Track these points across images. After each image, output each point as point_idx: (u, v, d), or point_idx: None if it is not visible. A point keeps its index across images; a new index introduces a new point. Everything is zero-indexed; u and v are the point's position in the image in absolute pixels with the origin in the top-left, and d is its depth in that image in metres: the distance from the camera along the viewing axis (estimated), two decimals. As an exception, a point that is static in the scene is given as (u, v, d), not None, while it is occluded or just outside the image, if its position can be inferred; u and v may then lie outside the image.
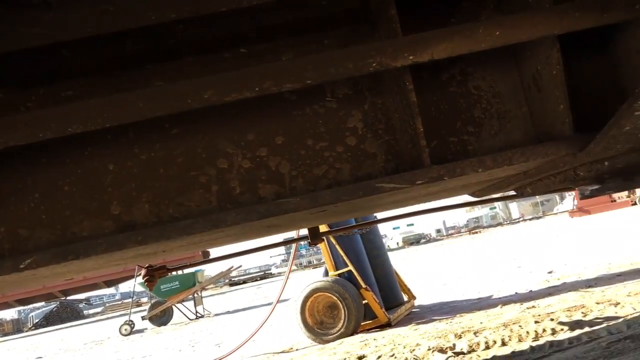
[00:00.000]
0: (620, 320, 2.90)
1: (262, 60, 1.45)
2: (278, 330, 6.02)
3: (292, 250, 5.06)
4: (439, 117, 1.50)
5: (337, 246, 4.82)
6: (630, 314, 2.98)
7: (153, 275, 3.16)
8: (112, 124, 1.18)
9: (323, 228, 4.28)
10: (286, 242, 3.36)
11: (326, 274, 4.98)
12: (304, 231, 3.28)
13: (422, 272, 10.42)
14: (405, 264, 14.69)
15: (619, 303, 3.32)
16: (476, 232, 37.02)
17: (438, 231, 62.58)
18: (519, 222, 43.26)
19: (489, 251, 12.48)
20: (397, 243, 49.47)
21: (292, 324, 5.35)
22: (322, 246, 4.90)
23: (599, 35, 1.43)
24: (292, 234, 4.09)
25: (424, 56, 1.20)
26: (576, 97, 1.43)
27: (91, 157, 1.41)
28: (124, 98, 1.16)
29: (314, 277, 5.13)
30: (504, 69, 1.51)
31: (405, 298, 5.44)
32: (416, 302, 5.66)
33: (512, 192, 2.16)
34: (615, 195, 22.30)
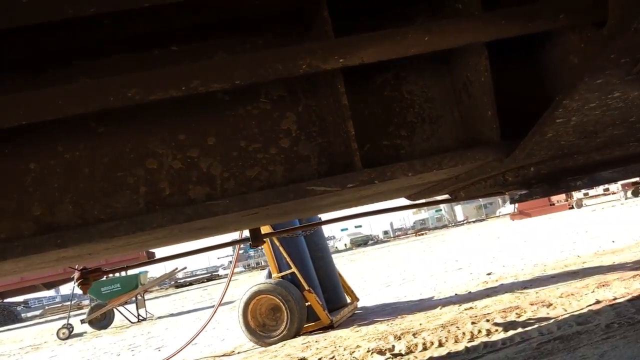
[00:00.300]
0: (552, 321, 2.99)
1: (195, 59, 1.42)
2: (221, 333, 5.95)
3: (235, 253, 5.01)
4: (372, 120, 1.51)
5: (281, 248, 4.80)
6: (561, 315, 3.08)
7: (87, 278, 3.05)
8: (30, 120, 1.13)
9: (266, 229, 4.25)
10: (226, 244, 3.31)
11: (269, 276, 4.95)
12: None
13: (367, 274, 10.51)
14: (351, 266, 14.79)
15: (551, 304, 3.43)
16: (422, 234, 37.66)
17: (385, 233, 63.38)
18: (463, 224, 44.28)
19: (432, 253, 12.71)
20: (345, 244, 49.79)
21: (235, 326, 5.30)
22: (266, 248, 4.86)
23: (530, 43, 1.47)
24: (237, 234, 4.05)
25: (355, 59, 1.20)
26: (506, 103, 1.46)
27: (11, 156, 1.34)
28: (43, 94, 1.11)
29: (260, 279, 5.09)
30: (437, 75, 1.53)
31: (349, 300, 5.47)
32: (359, 304, 5.70)
33: (447, 196, 2.20)
34: (554, 199, 23.13)
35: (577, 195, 21.61)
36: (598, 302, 3.18)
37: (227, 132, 1.45)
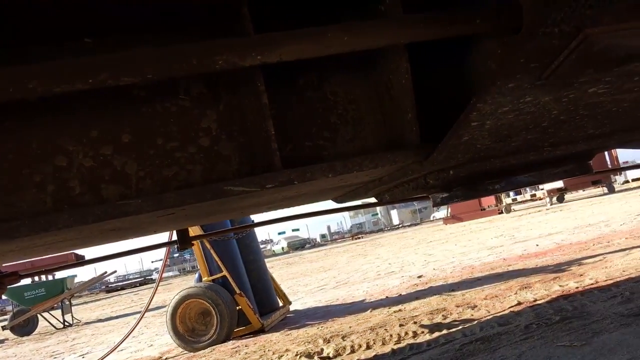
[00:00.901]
0: (475, 322, 3.06)
1: (113, 50, 1.35)
2: (149, 338, 5.78)
3: (164, 255, 4.88)
4: (295, 121, 1.48)
5: (212, 250, 4.71)
6: (484, 317, 3.16)
7: (2, 282, 2.89)
8: None
9: (195, 231, 4.16)
10: (152, 247, 3.21)
11: (200, 279, 4.85)
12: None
13: (302, 277, 10.51)
14: (287, 269, 14.76)
15: (476, 306, 3.52)
16: (359, 238, 38.07)
17: (323, 236, 63.80)
18: (399, 227, 45.08)
19: (367, 256, 12.85)
20: (282, 248, 49.80)
21: (165, 332, 5.16)
22: (196, 250, 4.76)
23: (453, 46, 1.49)
24: (167, 236, 3.95)
25: (273, 57, 1.17)
26: (429, 106, 1.48)
27: None
28: None
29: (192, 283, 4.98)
30: (361, 76, 1.53)
31: (281, 303, 5.43)
32: (292, 307, 5.67)
33: (373, 199, 2.21)
34: (485, 204, 23.89)
35: (506, 200, 22.40)
36: (519, 303, 3.28)
37: (143, 130, 1.39)
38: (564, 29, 0.90)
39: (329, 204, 2.58)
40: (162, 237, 4.04)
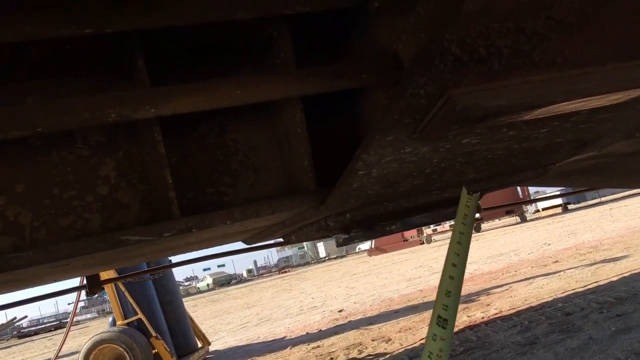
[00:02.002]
0: (388, 356, 3.14)
1: (4, 102, 1.34)
2: (60, 387, 5.49)
3: (75, 300, 4.69)
4: (196, 167, 1.51)
5: (126, 293, 4.57)
6: (397, 350, 3.25)
7: None
8: None
9: (108, 274, 4.04)
10: (60, 293, 3.09)
11: (114, 323, 4.69)
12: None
13: (225, 315, 10.33)
14: (211, 307, 14.45)
15: (390, 339, 3.61)
16: (285, 272, 37.88)
17: (249, 271, 62.88)
18: (325, 260, 45.23)
19: (292, 291, 12.81)
20: (208, 285, 48.66)
21: (76, 379, 4.91)
22: (110, 293, 4.61)
23: (349, 96, 1.57)
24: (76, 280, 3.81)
25: (167, 110, 1.20)
26: (327, 151, 1.55)
27: None
28: None
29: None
30: (261, 124, 1.58)
31: (200, 344, 5.32)
32: (212, 348, 5.56)
33: (280, 239, 2.25)
34: (407, 235, 24.48)
35: (426, 231, 23.07)
36: (430, 335, 3.40)
37: (38, 179, 1.37)
38: (429, 90, 0.99)
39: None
40: (74, 280, 3.90)
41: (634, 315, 2.78)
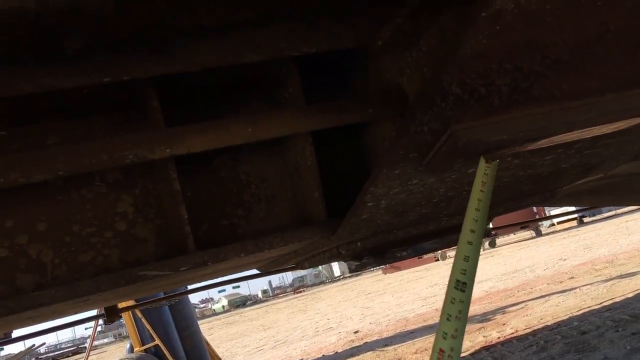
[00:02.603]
0: (404, 378, 3.14)
1: (25, 143, 1.39)
2: (79, 415, 5.51)
3: (93, 328, 4.74)
4: (210, 201, 1.55)
5: (143, 319, 4.61)
6: (413, 372, 3.24)
7: None
8: None
9: (125, 302, 4.08)
10: (79, 322, 3.14)
11: (131, 349, 4.72)
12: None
13: (241, 338, 10.31)
14: (227, 329, 14.43)
15: (407, 361, 3.60)
16: (300, 292, 37.75)
17: (264, 292, 62.66)
18: (339, 279, 45.04)
19: (307, 312, 12.78)
20: (223, 306, 48.60)
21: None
22: (127, 319, 4.65)
23: (357, 129, 1.61)
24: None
25: (181, 149, 1.25)
26: (337, 182, 1.58)
27: None
28: None
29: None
30: (272, 157, 1.62)
31: (217, 369, 5.33)
32: (228, 372, 5.57)
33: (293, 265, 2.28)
34: (422, 253, 24.30)
35: (441, 248, 22.92)
36: (446, 356, 3.39)
37: (59, 217, 1.42)
38: (432, 127, 1.03)
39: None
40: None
41: (649, 333, 2.77)
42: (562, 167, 1.51)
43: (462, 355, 3.28)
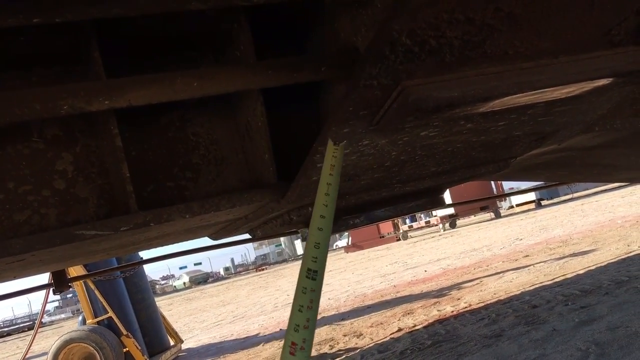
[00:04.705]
0: (358, 350, 3.16)
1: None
2: (29, 388, 5.41)
3: (44, 298, 4.60)
4: (156, 161, 1.49)
5: (96, 291, 4.52)
6: (367, 345, 3.26)
7: None
8: None
9: (77, 271, 3.99)
10: (24, 292, 3.03)
11: (84, 322, 4.63)
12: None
13: (200, 313, 10.27)
14: (186, 305, 14.36)
15: (362, 334, 3.62)
16: (263, 269, 37.77)
17: (227, 269, 62.60)
18: (301, 258, 45.27)
19: (268, 288, 12.80)
20: (184, 283, 48.37)
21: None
22: (79, 291, 4.55)
23: (313, 89, 1.57)
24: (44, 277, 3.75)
25: (122, 102, 1.18)
26: (289, 145, 1.54)
27: None
28: None
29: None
30: (222, 117, 1.56)
31: (172, 342, 5.28)
32: (185, 346, 5.53)
33: (247, 235, 2.24)
34: (384, 231, 24.63)
35: (403, 227, 23.22)
36: (400, 330, 3.42)
37: (-8, 173, 1.34)
38: (382, 81, 0.99)
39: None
40: (43, 278, 3.84)
41: (597, 307, 2.83)
42: (515, 134, 1.50)
43: (416, 328, 3.32)
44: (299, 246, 58.49)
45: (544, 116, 1.37)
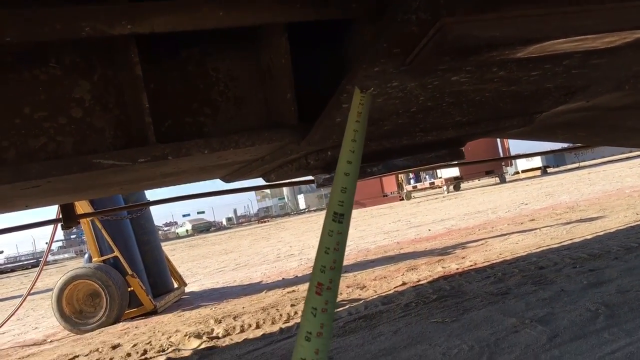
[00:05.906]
0: (361, 301, 3.18)
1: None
2: (35, 321, 5.51)
3: (51, 234, 4.64)
4: (175, 95, 1.45)
5: (103, 230, 4.54)
6: (370, 296, 3.28)
7: None
8: None
9: (84, 208, 4.00)
10: (33, 225, 3.04)
11: (90, 260, 4.67)
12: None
13: (203, 259, 10.39)
14: (189, 251, 14.54)
15: (365, 286, 3.64)
16: (265, 221, 38.11)
17: (229, 219, 63.25)
18: (305, 212, 45.60)
19: (270, 240, 12.91)
20: (187, 230, 48.96)
21: (52, 314, 4.93)
22: (86, 229, 4.58)
23: (337, 29, 1.52)
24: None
25: (144, 27, 1.14)
26: (312, 87, 1.50)
27: None
28: None
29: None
30: (244, 54, 1.52)
31: (176, 285, 5.35)
32: (188, 289, 5.60)
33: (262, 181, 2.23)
34: (387, 191, 24.70)
35: (407, 187, 23.25)
36: (404, 283, 3.44)
37: (8, 97, 1.31)
38: (421, 16, 0.94)
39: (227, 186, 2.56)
40: (50, 214, 3.85)
41: (606, 271, 2.82)
42: (546, 86, 1.45)
43: (420, 283, 3.33)
44: (302, 201, 58.79)
45: (578, 68, 1.32)
